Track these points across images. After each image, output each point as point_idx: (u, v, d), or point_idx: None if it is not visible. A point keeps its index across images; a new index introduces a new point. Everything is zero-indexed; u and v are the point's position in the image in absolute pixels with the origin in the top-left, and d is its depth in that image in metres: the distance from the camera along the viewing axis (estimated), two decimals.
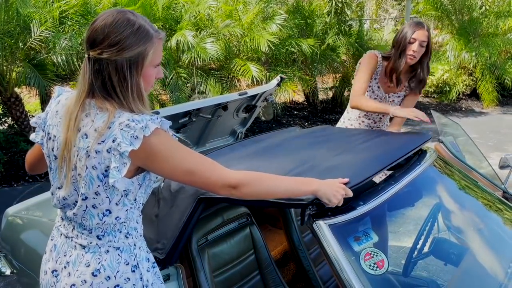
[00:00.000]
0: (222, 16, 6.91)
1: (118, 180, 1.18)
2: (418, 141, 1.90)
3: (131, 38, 1.17)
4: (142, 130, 1.15)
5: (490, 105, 9.34)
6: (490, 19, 9.71)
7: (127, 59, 1.18)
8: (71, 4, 6.23)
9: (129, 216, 1.31)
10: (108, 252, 1.30)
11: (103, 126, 1.17)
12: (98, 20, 1.20)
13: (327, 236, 1.35)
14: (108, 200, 1.24)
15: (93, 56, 1.18)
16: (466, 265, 1.82)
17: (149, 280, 1.35)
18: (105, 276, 1.28)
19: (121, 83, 1.19)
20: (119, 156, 1.16)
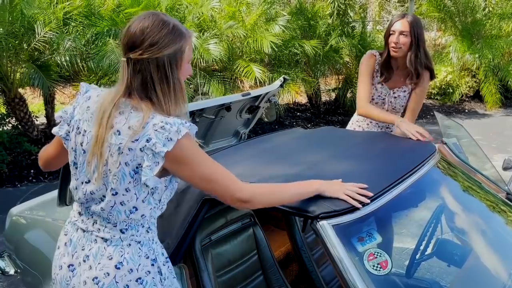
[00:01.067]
0: (225, 17, 6.93)
1: (149, 178, 1.22)
2: (424, 154, 1.86)
3: (169, 37, 1.25)
4: (176, 133, 1.21)
5: (493, 106, 9.32)
6: (493, 20, 9.69)
7: (167, 56, 1.24)
8: (75, 5, 6.26)
9: (152, 214, 1.36)
10: (130, 245, 1.33)
11: (138, 125, 1.22)
12: (134, 24, 1.26)
13: (330, 236, 1.35)
14: (136, 197, 1.28)
15: (134, 58, 1.23)
16: (469, 266, 1.81)
17: (165, 273, 1.39)
18: (128, 269, 1.31)
19: (162, 80, 1.25)
20: (152, 156, 1.21)
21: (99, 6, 6.58)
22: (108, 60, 5.76)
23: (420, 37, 2.40)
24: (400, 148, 1.99)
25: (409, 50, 2.41)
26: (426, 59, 2.47)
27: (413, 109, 2.53)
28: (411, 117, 2.53)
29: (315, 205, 1.39)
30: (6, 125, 6.08)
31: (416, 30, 2.39)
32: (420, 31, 2.42)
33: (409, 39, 2.38)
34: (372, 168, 1.67)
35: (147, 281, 1.33)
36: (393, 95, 2.55)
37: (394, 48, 2.41)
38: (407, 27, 2.37)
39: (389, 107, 2.57)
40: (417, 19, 2.46)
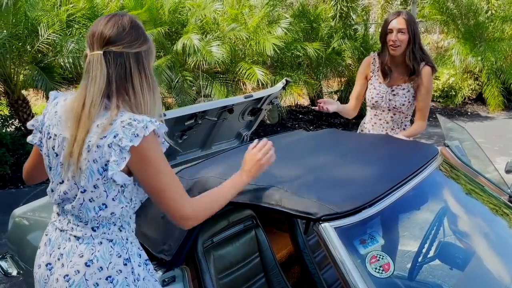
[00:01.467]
0: (228, 19, 6.95)
1: (116, 173, 1.24)
2: (426, 157, 1.87)
3: (144, 35, 1.35)
4: (143, 129, 1.23)
5: (496, 109, 9.30)
6: (496, 23, 9.69)
7: (144, 52, 1.33)
8: (78, 8, 6.29)
9: (123, 213, 1.35)
10: (102, 243, 1.34)
11: (106, 122, 1.25)
12: (111, 21, 1.30)
13: (332, 238, 1.35)
14: (106, 194, 1.29)
15: (116, 51, 1.27)
16: (471, 269, 1.81)
17: (140, 274, 1.38)
18: (98, 266, 1.32)
19: (141, 73, 1.31)
20: (119, 151, 1.23)
21: (102, 8, 6.62)
22: None
23: (416, 33, 2.44)
24: (402, 150, 1.99)
25: (407, 47, 2.43)
26: (424, 54, 2.48)
27: (421, 109, 2.52)
28: (422, 116, 2.52)
29: (317, 208, 1.39)
30: (9, 126, 6.10)
31: (412, 26, 2.41)
32: (416, 27, 2.45)
33: (407, 36, 2.41)
34: (374, 171, 1.67)
35: (118, 280, 1.33)
36: (392, 93, 2.54)
37: (393, 46, 2.43)
38: (404, 24, 2.39)
39: (389, 105, 2.56)
40: (412, 16, 2.48)
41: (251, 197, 1.53)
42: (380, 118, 2.63)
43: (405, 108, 2.54)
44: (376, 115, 2.65)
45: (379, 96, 2.57)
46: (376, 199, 1.45)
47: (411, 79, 2.49)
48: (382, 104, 2.57)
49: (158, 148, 1.28)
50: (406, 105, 2.53)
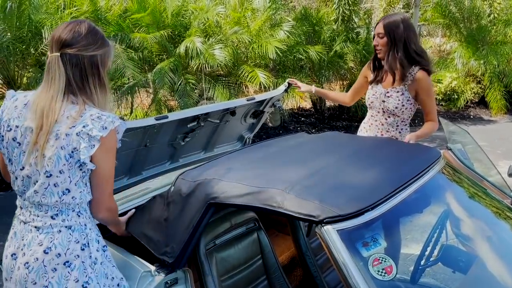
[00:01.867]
0: (231, 23, 6.96)
1: (87, 157, 1.41)
2: (429, 160, 1.87)
3: (101, 41, 1.49)
4: (111, 123, 1.42)
5: (499, 113, 9.28)
6: (498, 27, 9.68)
7: (99, 56, 1.47)
8: (82, 11, 6.32)
9: (83, 198, 1.49)
10: (60, 232, 1.47)
11: (76, 114, 1.41)
12: (69, 26, 1.46)
13: (335, 241, 1.35)
14: (70, 179, 1.44)
15: (71, 53, 1.42)
16: (474, 273, 1.81)
17: (98, 258, 1.52)
18: (56, 253, 1.44)
19: (94, 75, 1.46)
20: (88, 139, 1.40)
21: (105, 12, 6.64)
22: (114, 64, 5.80)
23: (398, 36, 2.45)
24: (405, 153, 1.99)
25: (388, 51, 2.51)
26: (418, 57, 2.49)
27: (428, 112, 2.56)
28: (431, 117, 2.56)
29: (320, 210, 1.40)
30: None
31: (391, 30, 2.46)
32: (398, 30, 2.45)
33: (385, 40, 2.49)
34: (377, 173, 1.67)
35: (75, 265, 1.46)
36: (386, 94, 2.57)
37: (376, 50, 2.58)
38: (382, 29, 2.50)
39: (383, 107, 2.59)
40: (396, 19, 2.49)
41: (254, 199, 1.53)
42: (376, 120, 2.67)
43: (398, 111, 2.55)
44: (372, 116, 2.69)
45: (375, 97, 2.62)
46: (378, 201, 1.45)
47: (401, 83, 2.52)
48: (377, 105, 2.62)
49: (116, 143, 1.48)
50: (399, 108, 2.54)
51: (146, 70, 6.58)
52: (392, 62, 2.49)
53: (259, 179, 1.62)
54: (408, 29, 2.47)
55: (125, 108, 7.12)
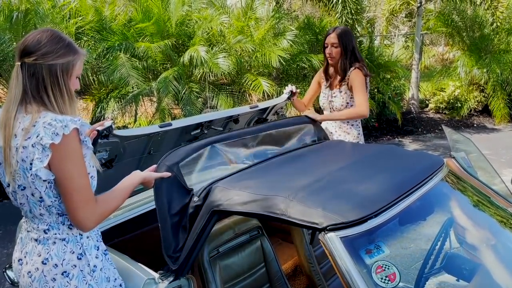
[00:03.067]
0: (234, 32, 7.02)
1: (40, 169, 1.36)
2: (432, 167, 1.88)
3: (64, 49, 1.45)
4: (62, 128, 1.35)
5: (502, 121, 9.27)
6: (501, 35, 9.70)
7: (60, 65, 1.43)
8: (87, 20, 6.39)
9: (57, 207, 1.45)
10: (55, 243, 1.48)
11: (29, 125, 1.38)
12: (32, 34, 1.44)
13: (338, 248, 1.35)
14: (38, 190, 1.42)
15: (28, 62, 1.40)
16: (478, 281, 1.80)
17: (97, 265, 1.53)
18: (53, 264, 1.47)
19: (54, 84, 1.43)
20: (42, 149, 1.35)
21: (110, 21, 6.71)
22: (118, 73, 5.85)
23: (348, 45, 2.84)
24: (408, 161, 1.99)
25: (340, 58, 2.86)
26: (356, 61, 2.86)
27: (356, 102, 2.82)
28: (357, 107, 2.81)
29: (323, 217, 1.40)
30: None
31: (343, 40, 2.83)
32: (348, 40, 2.84)
33: (339, 49, 2.84)
34: (380, 181, 1.68)
35: (73, 274, 1.48)
36: (333, 95, 2.96)
37: (330, 58, 2.90)
38: (336, 39, 2.84)
39: (331, 106, 2.96)
40: (345, 30, 2.89)
41: (257, 207, 1.54)
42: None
43: (344, 108, 2.90)
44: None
45: (325, 98, 3.01)
46: (381, 209, 1.46)
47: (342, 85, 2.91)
48: (327, 105, 3.00)
49: (77, 148, 1.39)
50: (345, 105, 2.90)
51: (150, 79, 6.63)
52: (341, 68, 2.87)
53: (262, 187, 1.63)
54: (354, 39, 2.90)
55: (129, 117, 7.16)
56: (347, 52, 2.84)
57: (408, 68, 10.81)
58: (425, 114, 10.21)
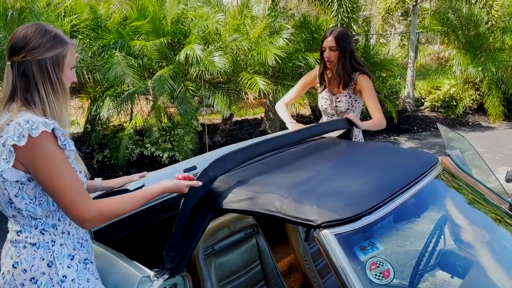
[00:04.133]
0: (230, 30, 7.01)
1: (5, 171, 1.33)
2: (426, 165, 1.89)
3: (51, 42, 1.40)
4: (28, 130, 1.30)
5: (497, 119, 9.32)
6: (496, 34, 9.75)
7: (50, 58, 1.39)
8: (82, 19, 6.36)
9: (30, 210, 1.40)
10: (25, 247, 1.44)
11: (4, 123, 1.35)
12: (18, 31, 1.40)
13: (333, 245, 1.36)
14: (7, 191, 1.38)
15: (17, 61, 1.37)
16: (472, 277, 1.81)
17: (67, 275, 1.45)
18: (22, 268, 1.43)
19: (45, 80, 1.38)
20: (8, 150, 1.31)
21: (105, 19, 6.68)
22: (114, 72, 5.83)
23: (346, 49, 2.77)
24: (402, 159, 2.00)
25: (338, 61, 2.79)
26: (358, 65, 2.82)
27: (373, 109, 2.79)
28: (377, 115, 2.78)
29: (318, 214, 1.41)
30: None
31: (341, 43, 2.76)
32: (346, 43, 2.78)
33: (337, 52, 2.78)
34: (374, 178, 1.68)
35: (42, 282, 1.42)
36: (337, 100, 2.90)
37: (328, 62, 2.83)
38: (334, 42, 2.76)
39: (336, 111, 2.91)
40: (343, 33, 2.81)
41: (252, 204, 1.54)
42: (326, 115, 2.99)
43: (349, 111, 2.87)
44: (328, 118, 3.00)
45: (327, 103, 2.94)
46: (376, 206, 1.46)
47: (346, 89, 2.85)
48: (330, 110, 2.94)
49: (50, 150, 1.32)
50: (350, 109, 2.88)
51: (145, 77, 6.61)
52: (341, 71, 2.80)
53: (257, 184, 1.64)
54: (352, 41, 2.84)
55: (125, 115, 7.15)
56: (345, 55, 2.78)
57: (404, 67, 10.84)
58: (420, 112, 10.24)
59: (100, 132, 6.57)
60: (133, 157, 6.42)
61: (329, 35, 2.80)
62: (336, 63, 2.80)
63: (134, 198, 1.51)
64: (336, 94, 2.90)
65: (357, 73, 2.83)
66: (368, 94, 2.79)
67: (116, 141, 6.49)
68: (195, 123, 6.49)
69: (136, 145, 6.47)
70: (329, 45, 2.78)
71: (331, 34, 2.79)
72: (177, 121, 6.70)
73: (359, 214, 1.41)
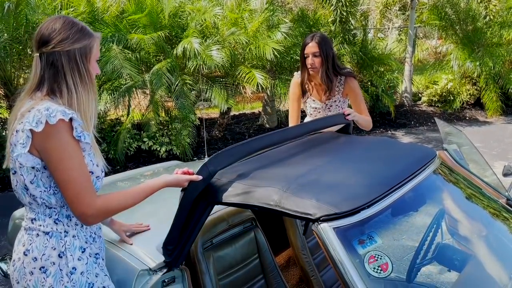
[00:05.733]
0: (228, 24, 6.98)
1: (21, 155, 1.36)
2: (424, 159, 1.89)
3: (79, 34, 1.44)
4: (46, 117, 1.33)
5: (494, 114, 9.34)
6: (494, 29, 9.75)
7: (78, 49, 1.43)
8: (79, 12, 6.31)
9: (44, 198, 1.42)
10: (38, 236, 1.45)
11: (25, 110, 1.38)
12: (45, 24, 1.44)
13: (331, 239, 1.36)
14: (23, 177, 1.41)
15: (46, 52, 1.40)
16: (469, 271, 1.82)
17: (77, 268, 1.46)
18: (33, 257, 1.44)
19: (73, 70, 1.42)
20: (26, 135, 1.35)
21: (103, 13, 6.64)
22: (111, 65, 5.80)
23: (328, 53, 2.72)
24: (400, 153, 2.00)
25: (322, 67, 2.74)
26: (339, 69, 2.79)
27: (364, 110, 2.83)
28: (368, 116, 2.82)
29: (316, 208, 1.41)
30: None
31: (324, 48, 2.70)
32: (327, 47, 2.73)
33: (320, 58, 2.72)
34: (373, 172, 1.69)
35: (51, 271, 1.43)
36: (329, 107, 2.87)
37: (312, 68, 2.75)
38: (317, 48, 2.70)
39: None
40: (324, 37, 2.75)
41: (250, 198, 1.54)
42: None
43: None
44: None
45: (317, 111, 2.91)
46: (374, 200, 1.47)
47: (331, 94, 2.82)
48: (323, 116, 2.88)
49: (65, 140, 1.35)
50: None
51: (143, 71, 6.59)
52: (325, 77, 2.75)
53: (256, 178, 1.64)
54: (331, 46, 2.79)
55: (122, 109, 7.12)
56: (328, 60, 2.73)
57: (401, 61, 10.83)
58: (417, 107, 10.26)
59: (97, 126, 6.53)
60: (131, 151, 6.40)
61: (311, 41, 2.71)
62: (320, 69, 2.74)
63: (135, 193, 1.52)
64: (325, 102, 2.86)
65: (342, 77, 2.81)
66: (358, 97, 2.81)
67: (114, 135, 6.47)
68: (193, 117, 6.48)
69: (134, 139, 6.46)
70: (312, 51, 2.70)
71: (312, 40, 2.71)
72: (174, 115, 6.68)
73: (357, 207, 1.41)
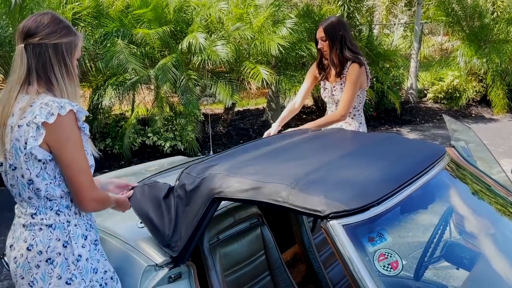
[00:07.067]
0: (233, 19, 6.95)
1: (34, 148, 1.39)
2: (434, 156, 1.87)
3: (65, 29, 1.49)
4: (57, 108, 1.38)
5: (501, 111, 9.27)
6: (501, 25, 9.65)
7: (64, 44, 1.47)
8: (84, 6, 6.30)
9: (49, 190, 1.47)
10: (41, 230, 1.48)
11: (26, 104, 1.42)
12: (33, 17, 1.48)
13: (341, 236, 1.34)
14: (29, 171, 1.43)
15: (33, 43, 1.43)
16: (478, 269, 1.80)
17: (82, 255, 1.52)
18: (37, 251, 1.47)
19: (60, 63, 1.47)
20: (36, 128, 1.38)
21: (108, 7, 6.63)
22: (116, 60, 5.79)
23: (336, 37, 2.78)
24: (409, 149, 1.98)
25: (330, 51, 2.82)
26: (352, 53, 2.80)
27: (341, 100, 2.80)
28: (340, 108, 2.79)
29: (325, 205, 1.39)
30: None
31: (330, 33, 2.78)
32: (336, 32, 2.78)
33: (327, 42, 2.81)
34: (382, 169, 1.67)
35: (58, 262, 1.48)
36: (333, 89, 2.93)
37: (322, 51, 2.88)
38: (322, 32, 2.81)
39: (333, 99, 2.95)
40: (333, 22, 2.80)
41: (258, 194, 1.53)
42: (332, 110, 3.01)
43: None
44: (329, 108, 3.07)
45: (326, 92, 2.99)
46: (384, 197, 1.45)
47: (340, 78, 2.86)
48: (328, 99, 3.00)
49: (74, 130, 1.43)
50: None
51: (148, 66, 6.57)
52: (334, 60, 2.83)
53: (263, 174, 1.62)
54: (344, 29, 2.81)
55: (127, 105, 7.12)
56: (335, 44, 2.80)
57: (407, 58, 10.76)
58: (423, 104, 10.20)
59: (102, 121, 6.55)
60: (135, 146, 6.40)
61: (320, 26, 2.84)
62: (329, 52, 2.85)
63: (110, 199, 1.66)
64: (333, 83, 2.94)
65: (349, 62, 2.83)
66: (348, 83, 2.78)
67: (118, 130, 6.47)
68: (198, 112, 6.46)
69: (138, 135, 6.45)
70: (319, 35, 2.84)
71: (321, 25, 2.84)
72: (179, 110, 6.67)
73: (367, 204, 1.39)
